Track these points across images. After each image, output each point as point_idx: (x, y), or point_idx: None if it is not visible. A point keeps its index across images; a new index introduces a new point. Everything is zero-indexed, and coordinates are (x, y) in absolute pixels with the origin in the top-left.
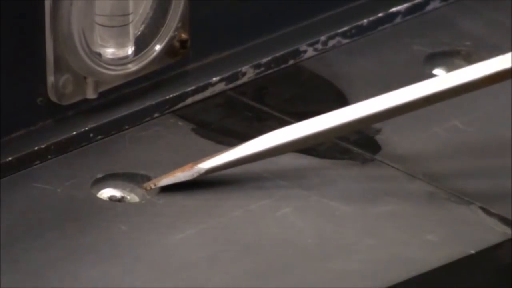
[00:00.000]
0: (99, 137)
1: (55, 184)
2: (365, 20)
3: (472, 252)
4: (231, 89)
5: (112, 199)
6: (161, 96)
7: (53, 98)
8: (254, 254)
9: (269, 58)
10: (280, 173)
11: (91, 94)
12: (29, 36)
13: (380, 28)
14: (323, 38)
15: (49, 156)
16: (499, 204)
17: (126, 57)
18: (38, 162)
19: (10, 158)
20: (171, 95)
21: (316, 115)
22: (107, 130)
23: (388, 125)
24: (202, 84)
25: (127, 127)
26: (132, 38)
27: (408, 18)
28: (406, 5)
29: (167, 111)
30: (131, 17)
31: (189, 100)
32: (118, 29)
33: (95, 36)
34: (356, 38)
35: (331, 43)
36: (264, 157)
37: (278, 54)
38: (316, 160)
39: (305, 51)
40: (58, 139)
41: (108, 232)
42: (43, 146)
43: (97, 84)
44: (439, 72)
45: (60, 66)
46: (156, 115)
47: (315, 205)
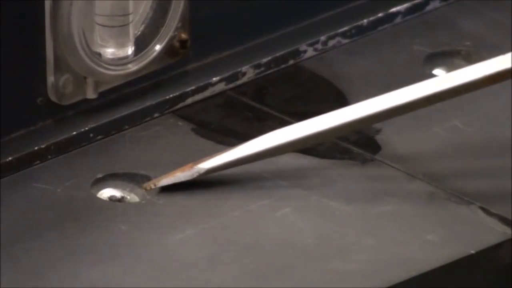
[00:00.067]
0: (99, 137)
1: (55, 184)
2: (365, 20)
3: (472, 252)
4: (231, 89)
5: (112, 199)
6: (161, 96)
7: (53, 98)
8: (254, 254)
9: (269, 58)
10: (280, 173)
11: (91, 94)
12: (29, 36)
13: (380, 28)
14: (323, 38)
15: (49, 156)
16: (499, 204)
17: (126, 57)
18: (38, 162)
19: (10, 158)
20: (171, 95)
21: (316, 115)
22: (107, 130)
23: (388, 125)
24: (202, 84)
25: (127, 127)
26: (132, 38)
27: (408, 18)
28: (406, 5)
29: (167, 111)
30: (131, 17)
31: (189, 100)
32: (118, 29)
33: (95, 36)
34: (356, 38)
35: (331, 43)
36: (264, 157)
37: (278, 54)
38: (316, 160)
39: (305, 51)
40: (58, 139)
41: (108, 232)
42: (43, 146)
43: (97, 84)
44: (439, 72)
45: (60, 66)
46: (156, 115)
47: (315, 205)
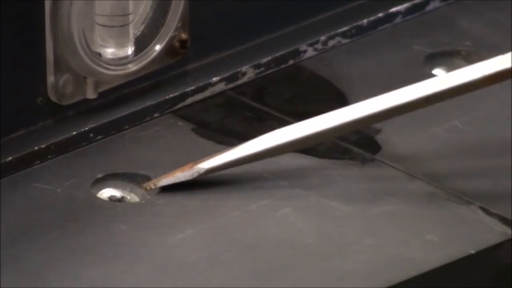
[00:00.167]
0: (99, 137)
1: (55, 184)
2: (365, 20)
3: (472, 252)
4: (231, 89)
5: (112, 199)
6: (161, 96)
7: (53, 98)
8: (254, 254)
9: (269, 58)
10: (280, 173)
11: (91, 94)
12: (29, 36)
13: (380, 28)
14: (323, 38)
15: (49, 156)
16: (499, 204)
17: (126, 57)
18: (38, 162)
19: (10, 158)
20: (171, 95)
21: (316, 115)
22: (107, 130)
23: (388, 125)
24: (202, 84)
25: (127, 127)
26: (132, 38)
27: (408, 18)
28: (406, 5)
29: (167, 111)
30: (131, 17)
31: (189, 100)
32: (118, 29)
33: (95, 36)
34: (356, 38)
35: (331, 43)
36: (264, 157)
37: (278, 54)
38: (316, 160)
39: (305, 51)
40: (58, 139)
41: (108, 232)
42: (43, 146)
43: (97, 84)
44: (439, 72)
45: (60, 66)
46: (156, 115)
47: (315, 205)
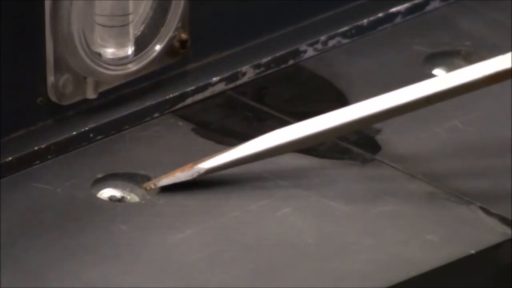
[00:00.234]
0: (99, 137)
1: (55, 184)
2: (365, 20)
3: (472, 252)
4: (231, 89)
5: (112, 199)
6: (161, 96)
7: (53, 98)
8: (254, 254)
9: (269, 58)
10: (280, 173)
11: (91, 94)
12: (29, 36)
13: (380, 28)
14: (323, 38)
15: (49, 156)
16: (499, 204)
17: (126, 57)
18: (38, 162)
19: (10, 158)
20: (171, 95)
21: (316, 115)
22: (107, 130)
23: (388, 125)
24: (202, 84)
25: (127, 127)
26: (132, 38)
27: (408, 18)
28: (406, 5)
29: (167, 111)
30: (131, 17)
31: (189, 100)
32: (118, 29)
33: (95, 36)
34: (356, 38)
35: (331, 43)
36: (264, 157)
37: (278, 54)
38: (316, 160)
39: (305, 51)
40: (58, 139)
41: (108, 232)
42: (43, 146)
43: (97, 84)
44: (439, 72)
45: (60, 66)
46: (156, 115)
47: (315, 205)
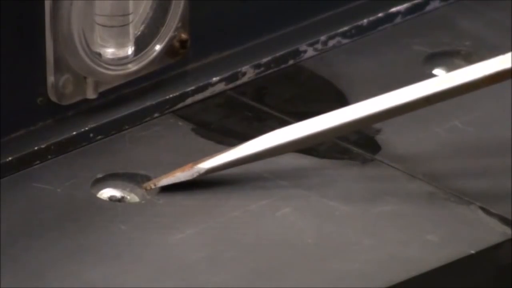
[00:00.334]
0: (99, 137)
1: (55, 184)
2: (365, 20)
3: (472, 252)
4: (231, 89)
5: (112, 199)
6: (161, 96)
7: (53, 98)
8: (254, 254)
9: (269, 58)
10: (280, 173)
11: (91, 94)
12: (29, 36)
13: (380, 28)
14: (323, 38)
15: (49, 156)
16: (499, 204)
17: (126, 57)
18: (38, 162)
19: (10, 158)
20: (171, 95)
21: (316, 115)
22: (107, 130)
23: (388, 125)
24: (202, 84)
25: (127, 127)
26: (132, 38)
27: (408, 18)
28: (406, 5)
29: (167, 111)
30: (131, 17)
31: (189, 100)
32: (118, 29)
33: (95, 36)
34: (356, 38)
35: (331, 43)
36: (264, 157)
37: (278, 54)
38: (316, 160)
39: (305, 51)
40: (58, 139)
41: (108, 232)
42: (43, 146)
43: (97, 84)
44: (439, 72)
45: (60, 66)
46: (156, 115)
47: (315, 205)
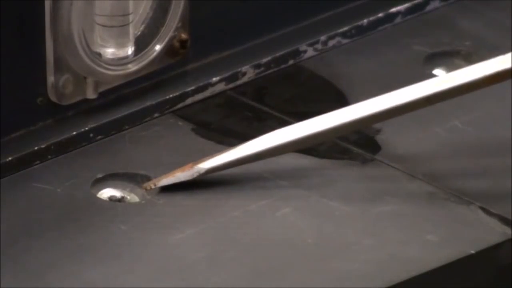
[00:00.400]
0: (99, 137)
1: (55, 184)
2: (365, 20)
3: (472, 252)
4: (231, 89)
5: (112, 199)
6: (161, 96)
7: (53, 98)
8: (254, 254)
9: (269, 58)
10: (280, 173)
11: (91, 94)
12: (29, 36)
13: (380, 28)
14: (323, 38)
15: (49, 156)
16: (499, 204)
17: (126, 57)
18: (38, 162)
19: (10, 158)
20: (171, 95)
21: (316, 115)
22: (107, 130)
23: (388, 125)
24: (202, 84)
25: (127, 127)
26: (132, 38)
27: (408, 18)
28: (406, 5)
29: (167, 111)
30: (131, 17)
31: (189, 100)
32: (118, 29)
33: (95, 36)
34: (356, 38)
35: (331, 43)
36: (264, 157)
37: (278, 54)
38: (316, 160)
39: (305, 51)
40: (58, 139)
41: (108, 232)
42: (43, 146)
43: (97, 84)
44: (439, 72)
45: (60, 66)
46: (156, 115)
47: (315, 205)
